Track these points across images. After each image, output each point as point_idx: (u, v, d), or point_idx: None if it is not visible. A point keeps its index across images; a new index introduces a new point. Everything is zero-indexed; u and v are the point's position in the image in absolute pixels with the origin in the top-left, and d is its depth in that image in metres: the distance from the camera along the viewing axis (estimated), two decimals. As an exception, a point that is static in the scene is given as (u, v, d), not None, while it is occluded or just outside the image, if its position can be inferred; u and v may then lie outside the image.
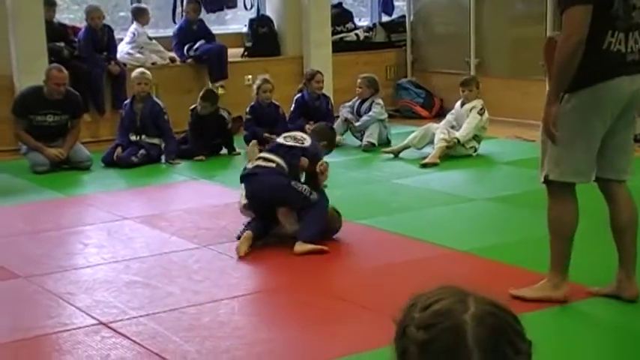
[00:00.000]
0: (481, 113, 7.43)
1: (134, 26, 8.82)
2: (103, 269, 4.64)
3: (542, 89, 8.61)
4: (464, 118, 7.46)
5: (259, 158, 5.08)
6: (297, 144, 5.12)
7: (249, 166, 5.10)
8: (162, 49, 8.91)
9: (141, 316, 3.91)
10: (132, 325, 3.82)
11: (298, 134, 5.36)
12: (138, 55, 8.74)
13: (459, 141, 7.28)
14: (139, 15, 8.87)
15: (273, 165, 4.96)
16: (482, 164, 7.22)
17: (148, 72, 7.70)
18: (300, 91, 8.31)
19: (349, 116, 8.07)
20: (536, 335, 1.25)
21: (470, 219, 5.58)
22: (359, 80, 8.16)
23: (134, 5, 9.10)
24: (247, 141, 7.95)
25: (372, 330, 3.62)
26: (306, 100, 8.24)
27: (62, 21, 8.78)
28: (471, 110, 7.47)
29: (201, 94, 7.74)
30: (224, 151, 7.82)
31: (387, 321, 3.73)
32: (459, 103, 7.66)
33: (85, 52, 8.32)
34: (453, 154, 7.35)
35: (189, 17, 8.98)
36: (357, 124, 7.97)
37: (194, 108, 7.72)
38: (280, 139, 5.24)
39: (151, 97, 7.63)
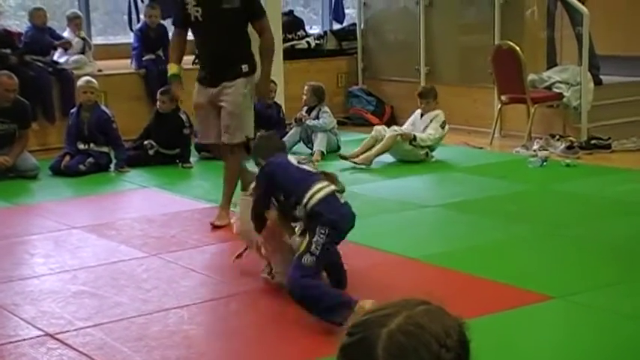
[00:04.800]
0: (443, 126, 7.48)
1: (66, 33, 8.71)
2: (50, 279, 4.57)
3: (491, 97, 8.77)
4: (424, 125, 7.49)
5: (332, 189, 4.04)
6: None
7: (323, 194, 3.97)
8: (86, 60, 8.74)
9: (88, 327, 3.85)
10: (79, 335, 3.76)
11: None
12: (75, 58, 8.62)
13: (415, 137, 7.34)
14: (69, 20, 8.75)
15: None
16: (433, 171, 7.28)
17: (94, 80, 7.61)
18: (252, 98, 8.28)
19: (301, 115, 8.03)
20: (480, 341, 1.27)
21: (420, 226, 5.61)
22: (305, 88, 8.17)
23: (70, 10, 8.96)
24: (198, 150, 7.92)
25: (320, 338, 3.61)
26: (257, 108, 8.19)
27: (8, 27, 8.65)
28: (432, 120, 7.50)
29: (161, 89, 7.63)
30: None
31: (335, 329, 3.70)
32: (418, 113, 7.67)
33: (32, 46, 8.17)
34: (404, 159, 7.41)
35: (149, 22, 8.83)
36: (309, 122, 7.94)
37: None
38: (309, 167, 4.26)
39: (98, 106, 7.55)
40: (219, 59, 5.31)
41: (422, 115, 7.59)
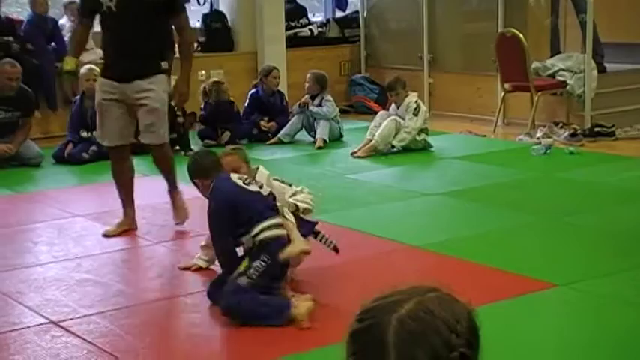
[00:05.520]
0: (416, 113, 7.35)
1: (63, 20, 8.70)
2: (54, 267, 4.57)
3: (494, 84, 8.75)
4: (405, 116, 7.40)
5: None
6: None
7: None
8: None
9: (92, 314, 3.86)
10: (83, 323, 3.76)
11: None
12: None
13: (393, 146, 7.30)
14: (65, 7, 8.75)
15: None
16: (435, 159, 7.27)
17: (96, 68, 7.58)
18: (255, 86, 8.29)
19: (306, 100, 7.99)
20: (483, 328, 1.27)
21: (423, 214, 5.61)
22: (307, 75, 8.15)
23: None
24: (202, 138, 7.93)
25: (325, 326, 3.61)
26: (260, 95, 8.23)
27: (10, 15, 8.63)
28: (407, 110, 7.42)
29: None
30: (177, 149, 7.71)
31: (341, 316, 3.70)
32: (393, 106, 7.57)
33: (31, 39, 8.15)
34: (406, 147, 7.39)
35: None
36: (312, 108, 7.92)
37: None
38: (255, 188, 3.96)
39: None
40: (133, 53, 4.83)
41: (398, 107, 7.49)
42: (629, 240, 4.84)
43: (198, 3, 9.59)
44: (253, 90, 8.28)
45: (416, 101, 7.44)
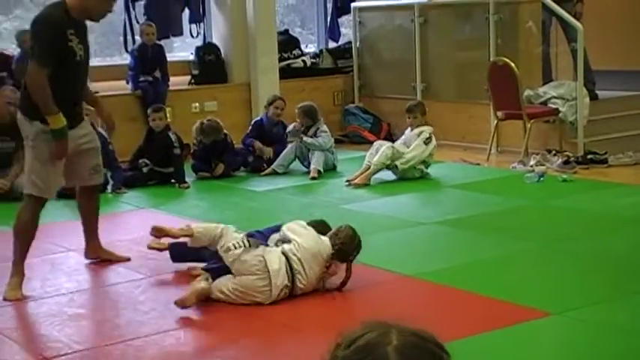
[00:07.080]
0: (427, 142, 7.45)
1: None
2: (47, 302, 4.55)
3: (487, 113, 8.79)
4: (412, 142, 7.50)
5: None
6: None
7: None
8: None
9: (85, 350, 3.84)
10: (75, 359, 3.74)
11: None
12: None
13: (396, 166, 7.37)
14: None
15: None
16: (430, 188, 7.28)
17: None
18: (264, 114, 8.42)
19: (297, 128, 8.02)
20: (477, 358, 1.28)
21: (418, 243, 5.60)
22: (296, 111, 8.16)
23: None
24: (196, 170, 7.94)
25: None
26: (264, 123, 8.29)
27: (4, 51, 8.66)
28: (419, 135, 7.51)
29: (154, 106, 7.78)
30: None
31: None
32: (409, 129, 7.73)
33: (21, 77, 8.16)
34: (401, 176, 7.41)
35: (145, 40, 8.82)
36: (307, 140, 7.94)
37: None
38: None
39: (94, 128, 7.54)
40: (80, 98, 4.98)
41: (412, 130, 7.64)
42: (623, 267, 4.84)
43: (192, 36, 9.64)
44: (258, 118, 8.38)
45: (430, 133, 7.54)
